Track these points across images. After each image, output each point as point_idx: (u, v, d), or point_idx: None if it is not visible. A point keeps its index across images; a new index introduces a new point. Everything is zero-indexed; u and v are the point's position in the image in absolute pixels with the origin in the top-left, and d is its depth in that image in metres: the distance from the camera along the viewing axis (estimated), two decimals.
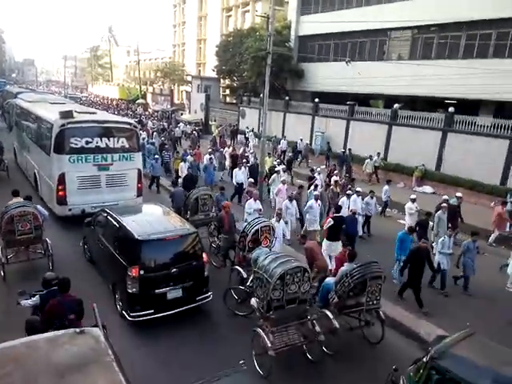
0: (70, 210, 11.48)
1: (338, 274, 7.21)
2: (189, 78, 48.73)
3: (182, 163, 16.72)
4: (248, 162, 17.51)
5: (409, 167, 19.64)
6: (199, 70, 54.45)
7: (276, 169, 15.89)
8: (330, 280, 7.47)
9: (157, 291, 7.10)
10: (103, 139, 11.68)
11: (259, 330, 6.28)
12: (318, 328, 6.49)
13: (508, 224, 13.34)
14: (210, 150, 19.37)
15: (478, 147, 17.59)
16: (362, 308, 7.03)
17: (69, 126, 11.27)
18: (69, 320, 5.36)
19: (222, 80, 42.39)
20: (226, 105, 40.96)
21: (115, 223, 8.00)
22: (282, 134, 28.57)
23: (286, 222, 11.00)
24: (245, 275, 8.04)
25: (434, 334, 6.79)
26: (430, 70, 20.73)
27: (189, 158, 17.67)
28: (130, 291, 6.99)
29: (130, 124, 12.75)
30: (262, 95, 21.31)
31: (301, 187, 13.36)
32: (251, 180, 14.09)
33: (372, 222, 13.27)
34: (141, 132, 23.88)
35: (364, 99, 25.39)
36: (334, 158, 21.94)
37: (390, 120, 21.75)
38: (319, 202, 11.67)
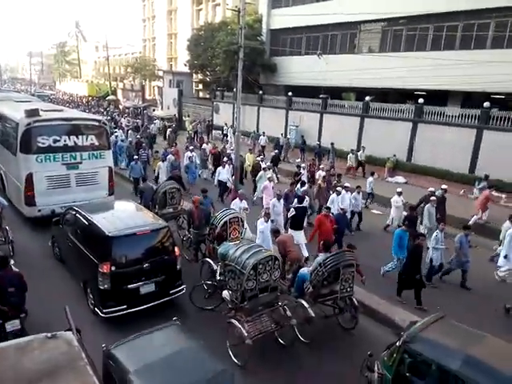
0: (39, 210, 11.25)
1: (312, 264, 7.40)
2: (160, 73, 47.96)
3: (161, 163, 16.15)
4: (231, 159, 16.77)
5: (381, 158, 20.04)
6: (171, 65, 53.72)
7: (263, 166, 15.65)
8: (304, 270, 7.66)
9: (129, 286, 7.14)
10: (71, 137, 11.46)
11: (234, 321, 6.42)
12: (289, 313, 6.75)
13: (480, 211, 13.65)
14: (190, 147, 18.70)
15: (447, 137, 18.10)
16: (337, 296, 7.25)
17: (35, 124, 10.98)
18: (9, 293, 6.02)
19: (194, 75, 42.02)
20: (199, 100, 40.59)
21: (84, 221, 7.99)
22: (257, 129, 28.58)
23: (273, 221, 10.69)
24: (215, 267, 8.17)
25: (408, 321, 6.97)
26: (399, 62, 21.15)
27: (170, 157, 16.83)
28: (101, 288, 7.02)
29: (98, 121, 12.55)
30: (235, 89, 21.14)
31: (292, 184, 13.14)
32: (232, 177, 13.94)
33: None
34: (115, 130, 23.44)
35: (337, 92, 25.65)
36: (310, 152, 22.04)
37: (363, 112, 22.12)
38: (306, 198, 11.74)
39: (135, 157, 16.57)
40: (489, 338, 5.19)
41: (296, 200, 11.26)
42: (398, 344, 5.23)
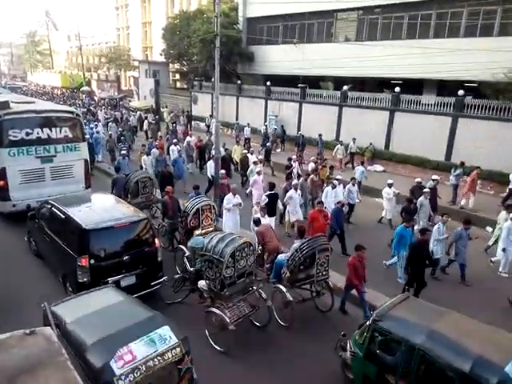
0: (13, 205, 11.07)
1: (290, 251, 7.66)
2: (136, 63, 46.84)
3: (145, 156, 15.51)
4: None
5: (359, 147, 20.13)
6: (146, 55, 52.57)
7: (252, 159, 15.36)
8: (281, 257, 7.89)
9: (109, 279, 7.12)
10: (44, 130, 11.24)
11: (214, 309, 6.58)
12: (264, 295, 7.06)
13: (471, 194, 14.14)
14: (174, 140, 18.19)
15: (423, 125, 18.40)
16: (313, 280, 7.58)
17: (5, 117, 10.72)
18: None
19: (171, 64, 41.18)
20: (176, 90, 39.95)
21: (61, 214, 7.91)
22: (236, 118, 28.32)
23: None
24: (187, 253, 8.27)
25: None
26: (376, 50, 21.25)
27: (154, 151, 16.18)
28: (81, 281, 7.02)
29: (72, 113, 12.33)
30: (213, 79, 20.83)
31: (288, 178, 12.87)
32: (223, 171, 13.30)
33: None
34: (96, 124, 22.75)
35: (315, 81, 25.62)
36: (290, 141, 22.01)
37: (341, 101, 22.20)
38: (299, 191, 11.77)
39: (122, 152, 15.72)
40: (452, 314, 5.43)
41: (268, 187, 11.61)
42: (367, 323, 5.51)
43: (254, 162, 14.85)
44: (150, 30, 51.41)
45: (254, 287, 7.16)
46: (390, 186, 12.49)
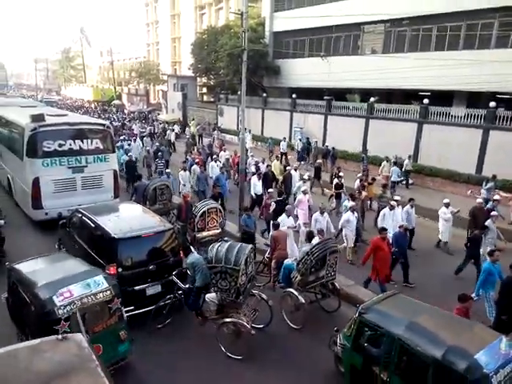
0: (46, 213, 11.43)
1: (299, 255, 7.95)
2: (164, 78, 48.10)
3: (182, 172, 14.80)
4: (259, 169, 15.82)
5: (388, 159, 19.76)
6: (175, 69, 53.93)
7: (303, 176, 14.40)
8: (289, 261, 8.07)
9: (136, 288, 7.24)
10: (76, 141, 11.66)
11: (232, 319, 6.68)
12: (265, 296, 7.26)
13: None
14: (213, 156, 17.48)
15: (453, 137, 17.99)
16: (323, 281, 7.84)
17: (40, 129, 11.18)
18: None
19: (198, 78, 42.14)
20: (203, 103, 40.70)
21: (90, 223, 8.10)
22: (261, 131, 28.53)
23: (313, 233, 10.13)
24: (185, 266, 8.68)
25: None
26: (403, 62, 20.97)
27: (195, 168, 15.21)
28: None
29: (103, 125, 12.74)
30: (239, 92, 21.11)
31: (337, 197, 12.37)
32: (271, 190, 12.62)
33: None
34: (134, 139, 22.40)
35: (340, 94, 25.58)
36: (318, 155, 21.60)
37: (367, 114, 22.05)
38: (355, 213, 10.77)
39: (168, 170, 14.90)
40: (435, 310, 5.69)
41: (277, 195, 11.85)
42: (355, 316, 5.82)
43: (303, 180, 13.81)
44: (179, 45, 52.78)
45: (256, 291, 7.35)
46: (447, 205, 11.28)
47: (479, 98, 20.08)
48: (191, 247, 8.96)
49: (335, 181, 14.41)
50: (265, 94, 29.53)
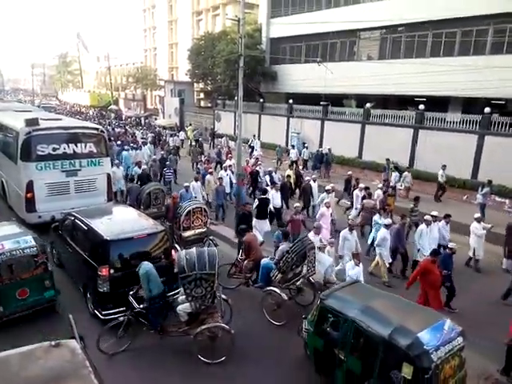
0: (39, 217, 11.50)
1: (277, 254, 8.30)
2: (162, 83, 48.18)
3: (194, 182, 13.75)
4: (273, 179, 15.27)
5: (383, 164, 19.89)
6: (172, 75, 54.04)
7: (326, 187, 13.32)
8: (265, 261, 8.30)
9: (127, 289, 7.27)
10: (70, 145, 11.77)
11: (216, 324, 6.75)
12: (224, 296, 7.30)
13: None
14: (224, 165, 16.48)
15: (448, 143, 18.11)
16: (303, 277, 8.20)
17: (34, 133, 11.29)
18: None
19: (195, 84, 42.23)
20: (200, 109, 40.77)
21: (83, 226, 8.24)
22: (258, 136, 28.53)
23: (341, 257, 9.47)
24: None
25: None
26: (399, 68, 21.11)
27: (209, 178, 14.38)
28: (100, 290, 7.23)
29: (96, 129, 12.87)
30: (236, 98, 21.13)
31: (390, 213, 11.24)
32: (298, 205, 11.64)
33: None
34: (140, 146, 20.87)
35: (337, 99, 25.68)
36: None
37: (363, 119, 22.15)
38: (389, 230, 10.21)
39: (186, 184, 13.06)
40: (390, 296, 6.30)
41: (261, 193, 11.94)
42: (317, 302, 6.32)
43: (327, 191, 12.95)
44: (176, 50, 52.96)
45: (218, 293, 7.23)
46: (479, 220, 10.70)
47: (474, 103, 20.25)
48: (177, 246, 9.38)
49: (359, 193, 13.42)
50: (262, 100, 29.63)
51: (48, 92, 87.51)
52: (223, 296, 7.26)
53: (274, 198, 12.96)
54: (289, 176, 16.29)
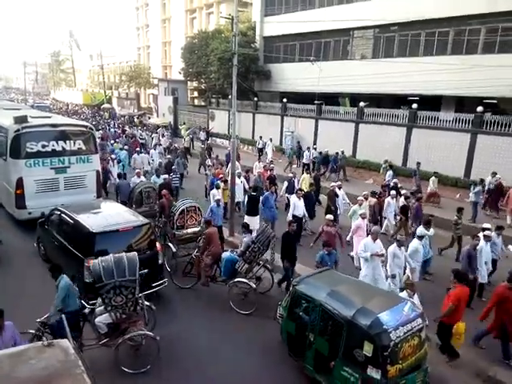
0: (29, 213, 11.71)
1: (242, 246, 8.60)
2: (155, 81, 48.02)
3: (215, 191, 12.49)
4: (291, 184, 14.34)
5: (376, 163, 19.99)
6: (166, 73, 54.04)
7: (359, 198, 12.12)
8: (226, 254, 8.69)
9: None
10: (59, 142, 11.98)
11: (139, 332, 6.49)
12: (147, 302, 7.01)
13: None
14: (238, 170, 14.89)
15: (441, 142, 18.31)
16: (268, 264, 8.78)
17: (24, 130, 11.49)
18: None
19: (189, 82, 42.23)
20: (194, 107, 40.81)
21: (69, 220, 8.55)
22: (252, 135, 28.51)
23: (394, 276, 8.41)
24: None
25: None
26: (392, 67, 21.20)
27: (214, 192, 12.48)
28: (87, 281, 7.49)
29: (85, 126, 13.10)
30: (230, 96, 21.07)
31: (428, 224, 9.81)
32: (330, 217, 10.15)
33: None
34: (148, 151, 20.36)
35: (331, 98, 25.74)
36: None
37: (357, 118, 22.26)
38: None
39: (218, 197, 11.61)
40: (355, 280, 6.91)
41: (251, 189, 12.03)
42: (290, 288, 6.74)
43: (360, 201, 11.76)
44: (170, 49, 52.93)
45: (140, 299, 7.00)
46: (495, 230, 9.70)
47: (467, 102, 20.44)
48: (170, 245, 9.75)
49: (391, 201, 12.53)
50: (256, 98, 29.65)
51: (40, 91, 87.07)
52: (146, 302, 7.03)
53: (298, 206, 11.86)
54: (312, 184, 14.65)
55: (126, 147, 20.94)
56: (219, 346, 7.22)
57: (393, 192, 13.11)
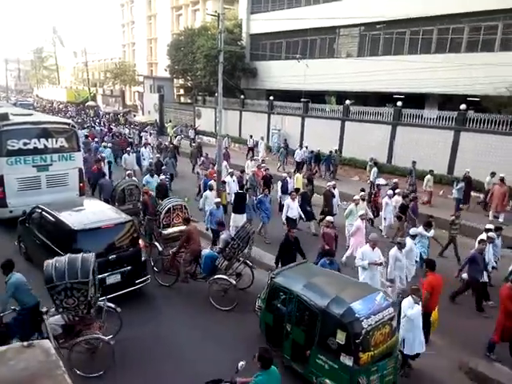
0: (11, 211, 11.59)
1: (220, 243, 8.70)
2: (140, 79, 47.54)
3: (209, 192, 12.15)
4: (286, 185, 13.91)
5: (362, 160, 20.16)
6: (151, 70, 53.56)
7: (355, 197, 11.78)
8: (207, 251, 8.77)
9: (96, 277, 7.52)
10: (41, 140, 11.86)
11: (92, 336, 6.35)
12: (112, 304, 6.87)
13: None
14: (229, 170, 15.05)
15: (425, 139, 18.59)
16: (247, 260, 8.83)
17: (4, 128, 11.37)
18: None
19: (175, 80, 41.92)
20: (180, 105, 40.57)
21: (50, 217, 8.51)
22: (239, 133, 28.46)
23: (392, 281, 8.13)
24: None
25: None
26: (378, 65, 21.44)
27: (208, 194, 12.09)
28: None
29: (68, 124, 13.00)
30: (216, 94, 20.99)
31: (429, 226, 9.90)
32: (330, 218, 10.02)
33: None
34: (138, 150, 19.56)
35: (317, 96, 25.87)
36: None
37: (343, 116, 22.43)
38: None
39: (217, 200, 11.17)
40: (333, 273, 7.11)
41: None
42: (268, 281, 6.95)
43: (355, 201, 11.48)
44: (156, 46, 52.49)
45: (101, 301, 6.83)
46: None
47: (451, 100, 20.77)
48: (157, 243, 9.79)
49: (389, 201, 12.31)
50: (242, 96, 29.62)
51: (23, 88, 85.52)
52: (111, 305, 6.87)
53: (291, 208, 11.54)
54: (308, 185, 14.65)
55: (109, 144, 20.62)
56: (200, 343, 7.24)
57: (390, 192, 12.83)
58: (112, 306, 6.88)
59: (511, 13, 18.18)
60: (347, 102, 22.65)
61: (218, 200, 11.32)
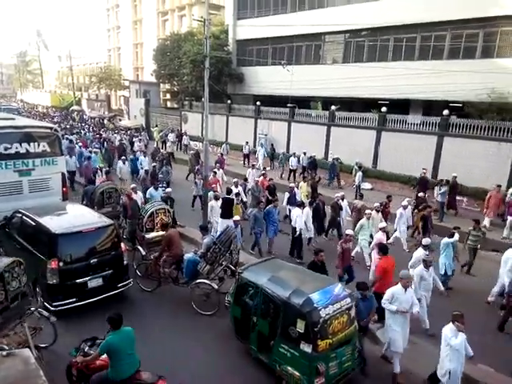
0: None
1: (203, 247, 8.77)
2: (126, 83, 47.19)
3: (214, 202, 12.04)
4: (294, 196, 13.53)
5: (348, 165, 20.34)
6: (137, 75, 53.36)
7: (367, 211, 11.22)
8: (190, 255, 8.77)
9: (77, 281, 7.67)
10: (23, 145, 11.61)
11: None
12: (45, 313, 6.54)
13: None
14: (234, 180, 14.42)
15: (409, 144, 18.86)
16: (231, 264, 8.84)
17: None
18: None
19: (161, 84, 41.78)
20: (167, 109, 40.49)
21: (31, 222, 8.52)
22: (226, 138, 28.42)
23: (420, 300, 7.49)
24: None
25: None
26: (362, 72, 21.71)
27: (213, 203, 11.95)
28: (50, 283, 7.52)
29: (50, 128, 12.81)
30: (203, 99, 20.95)
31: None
32: (350, 232, 9.46)
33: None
34: (136, 157, 19.24)
35: (303, 101, 26.04)
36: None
37: (329, 121, 22.64)
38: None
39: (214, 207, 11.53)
40: (297, 268, 7.48)
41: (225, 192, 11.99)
42: (236, 276, 7.28)
43: (366, 215, 10.90)
44: (141, 51, 52.35)
45: (32, 308, 6.49)
46: None
47: (434, 106, 21.10)
48: (140, 248, 9.77)
49: (403, 212, 11.97)
50: (229, 101, 29.63)
51: (6, 92, 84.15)
52: (44, 313, 6.57)
53: (298, 220, 10.97)
54: (320, 194, 13.95)
55: (95, 150, 20.55)
56: (181, 347, 7.27)
57: (405, 202, 12.42)
58: (46, 314, 6.46)
59: (491, 21, 18.76)
60: (333, 107, 22.89)
61: (238, 218, 10.84)
